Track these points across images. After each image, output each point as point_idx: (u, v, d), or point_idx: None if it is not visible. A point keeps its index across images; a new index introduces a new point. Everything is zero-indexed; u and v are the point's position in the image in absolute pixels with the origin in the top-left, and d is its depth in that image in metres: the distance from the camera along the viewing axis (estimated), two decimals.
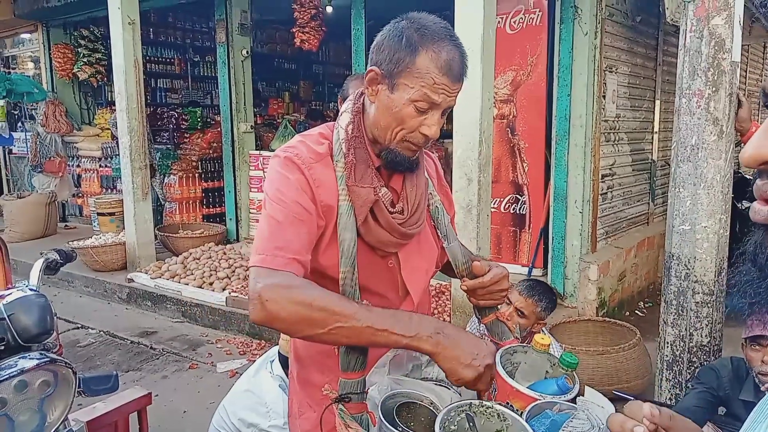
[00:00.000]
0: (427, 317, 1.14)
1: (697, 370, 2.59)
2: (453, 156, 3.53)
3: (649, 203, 5.69)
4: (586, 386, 1.30)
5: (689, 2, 2.52)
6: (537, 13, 4.52)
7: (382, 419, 1.04)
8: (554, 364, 1.23)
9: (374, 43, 1.22)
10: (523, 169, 4.75)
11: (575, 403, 1.16)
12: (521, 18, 4.59)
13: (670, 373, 2.73)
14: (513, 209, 4.84)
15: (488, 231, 3.60)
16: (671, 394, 2.72)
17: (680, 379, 2.69)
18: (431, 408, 1.13)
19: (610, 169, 4.83)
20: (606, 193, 4.81)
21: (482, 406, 1.09)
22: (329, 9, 6.21)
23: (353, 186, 1.22)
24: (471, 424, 1.04)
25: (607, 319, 4.10)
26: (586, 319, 4.07)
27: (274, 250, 1.12)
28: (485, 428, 1.06)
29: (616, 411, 0.88)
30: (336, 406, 1.13)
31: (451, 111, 3.64)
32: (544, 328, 2.75)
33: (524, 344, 1.30)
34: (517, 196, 4.81)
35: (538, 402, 1.12)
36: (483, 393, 1.13)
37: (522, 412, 1.10)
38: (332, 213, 1.22)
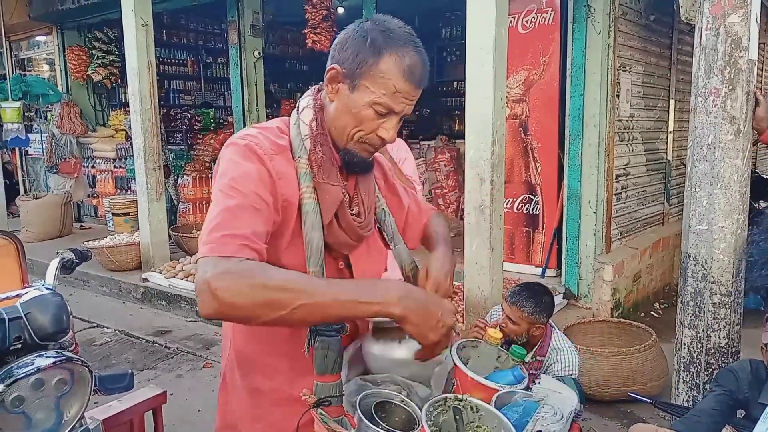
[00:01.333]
0: (389, 281, 1.09)
1: (714, 372, 2.56)
2: (465, 156, 3.52)
3: (664, 203, 5.64)
4: (542, 375, 1.44)
5: (705, 0, 2.50)
6: (549, 13, 4.50)
7: (363, 419, 1.03)
8: (500, 357, 1.32)
9: (337, 41, 1.20)
10: (536, 169, 4.72)
11: (530, 390, 1.25)
12: (533, 17, 4.56)
13: (687, 375, 2.70)
14: (526, 209, 4.81)
15: (501, 231, 3.58)
16: (688, 396, 2.69)
17: (698, 381, 2.66)
18: (403, 405, 1.14)
19: (624, 168, 4.79)
20: (620, 193, 4.77)
21: (456, 400, 1.14)
22: (341, 10, 6.24)
23: (324, 183, 1.19)
24: (458, 417, 1.10)
25: (622, 320, 4.06)
26: (601, 320, 4.04)
27: (223, 238, 1.04)
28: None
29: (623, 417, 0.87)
30: (316, 410, 1.08)
31: (464, 110, 3.59)
32: (555, 327, 2.74)
33: (473, 339, 1.37)
34: (531, 196, 4.78)
35: (500, 392, 1.18)
36: (440, 348, 1.10)
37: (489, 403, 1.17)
38: (292, 209, 1.17)
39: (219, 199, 1.10)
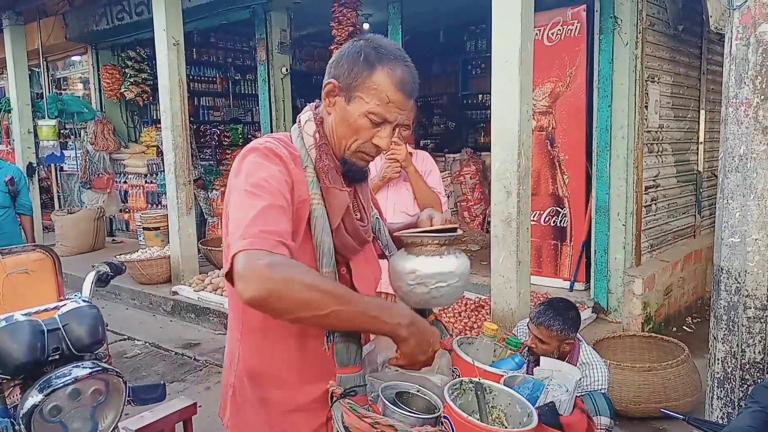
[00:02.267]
0: (401, 306, 1.21)
1: (750, 387, 2.50)
2: (491, 168, 3.52)
3: (695, 215, 5.53)
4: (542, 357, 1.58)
5: (735, 10, 2.47)
6: (575, 25, 4.48)
7: (388, 404, 1.12)
8: (496, 351, 1.42)
9: (333, 58, 1.30)
10: (563, 181, 4.68)
11: (532, 374, 1.36)
12: (559, 29, 4.55)
13: (721, 391, 2.63)
14: (553, 222, 4.77)
15: (528, 244, 3.55)
16: (723, 413, 2.63)
17: (732, 398, 2.59)
18: (420, 395, 1.21)
19: (653, 180, 4.72)
20: (650, 205, 4.70)
21: (471, 383, 1.23)
22: (366, 26, 6.31)
23: (332, 188, 1.25)
24: (479, 393, 1.20)
25: (654, 334, 3.99)
26: (631, 335, 3.97)
27: (261, 233, 1.08)
28: (473, 403, 1.20)
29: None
30: (344, 401, 1.13)
31: (489, 123, 3.59)
32: (583, 341, 2.70)
33: (468, 336, 1.49)
34: (558, 208, 4.74)
35: (505, 377, 1.27)
36: (422, 366, 1.21)
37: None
38: (303, 214, 1.22)
39: (247, 199, 1.14)
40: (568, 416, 1.26)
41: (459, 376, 1.29)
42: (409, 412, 1.11)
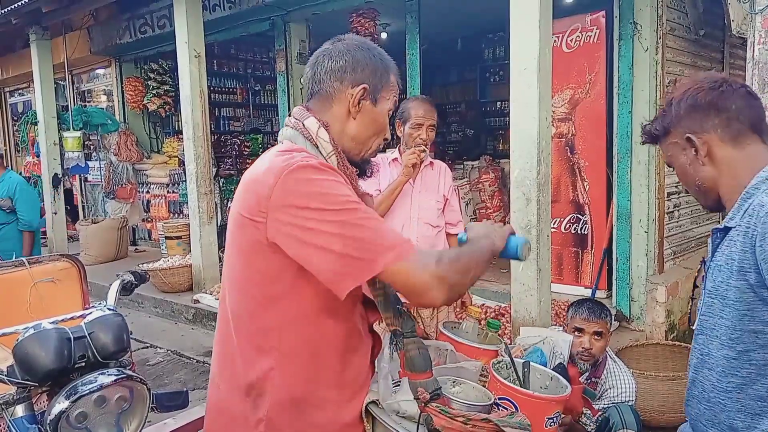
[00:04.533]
0: (481, 224, 1.35)
1: None
2: (510, 176, 3.51)
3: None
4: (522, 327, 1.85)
5: (757, 14, 2.44)
6: (594, 31, 4.46)
7: (453, 399, 1.24)
8: (479, 334, 1.57)
9: (347, 62, 1.28)
10: (583, 188, 4.65)
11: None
12: (578, 36, 4.53)
13: None
14: (574, 229, 4.73)
15: (549, 251, 3.53)
16: None
17: None
18: (457, 386, 1.39)
19: (676, 186, 4.66)
20: (672, 211, 4.64)
21: (498, 363, 1.42)
22: (384, 35, 6.34)
23: (362, 194, 1.30)
24: (526, 370, 1.39)
25: (678, 343, 3.92)
26: (655, 343, 3.91)
27: (396, 240, 1.13)
28: (502, 376, 1.41)
29: None
30: (432, 405, 1.17)
31: (508, 130, 3.56)
32: (610, 350, 2.67)
33: (453, 321, 1.74)
34: (578, 215, 4.70)
35: (504, 348, 1.51)
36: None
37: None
38: None
39: (342, 215, 1.12)
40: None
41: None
42: (471, 402, 1.23)
